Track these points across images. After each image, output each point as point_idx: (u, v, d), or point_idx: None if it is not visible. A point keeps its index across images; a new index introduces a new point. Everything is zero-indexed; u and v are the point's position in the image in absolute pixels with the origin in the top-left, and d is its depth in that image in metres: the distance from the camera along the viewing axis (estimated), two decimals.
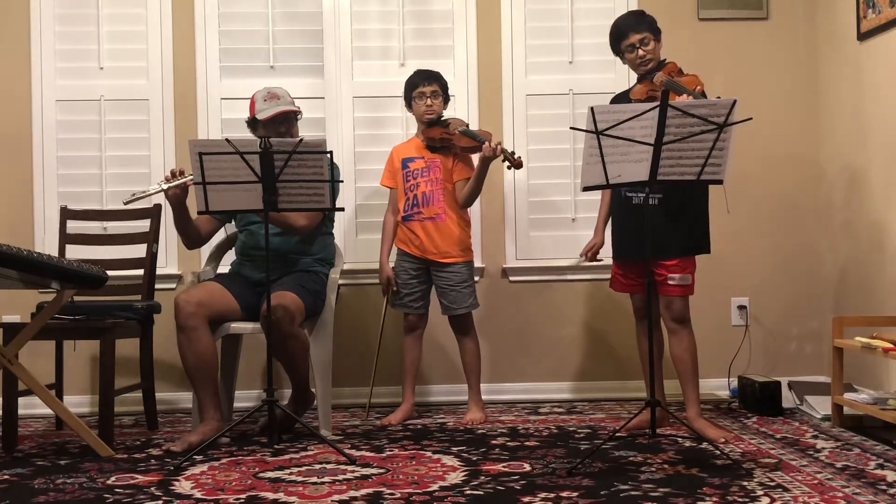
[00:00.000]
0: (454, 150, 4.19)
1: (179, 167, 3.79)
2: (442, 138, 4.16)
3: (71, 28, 4.68)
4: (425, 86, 4.19)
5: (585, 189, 3.29)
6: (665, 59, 3.77)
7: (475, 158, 4.24)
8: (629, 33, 3.77)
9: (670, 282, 3.70)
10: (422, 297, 4.25)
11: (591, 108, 3.16)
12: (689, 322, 3.77)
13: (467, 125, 4.23)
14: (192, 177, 3.55)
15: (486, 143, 4.01)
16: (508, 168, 4.07)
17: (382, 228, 4.33)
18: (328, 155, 3.48)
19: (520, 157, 4.04)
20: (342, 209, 3.83)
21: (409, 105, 4.26)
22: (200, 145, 3.55)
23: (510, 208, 4.72)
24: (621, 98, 3.89)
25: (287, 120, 4.01)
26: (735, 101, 3.15)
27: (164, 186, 3.69)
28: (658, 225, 3.63)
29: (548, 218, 4.74)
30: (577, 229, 4.72)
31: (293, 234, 3.94)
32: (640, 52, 3.75)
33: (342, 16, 4.72)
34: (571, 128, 3.59)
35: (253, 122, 4.04)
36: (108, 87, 4.67)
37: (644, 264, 3.68)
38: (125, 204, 3.77)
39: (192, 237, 3.97)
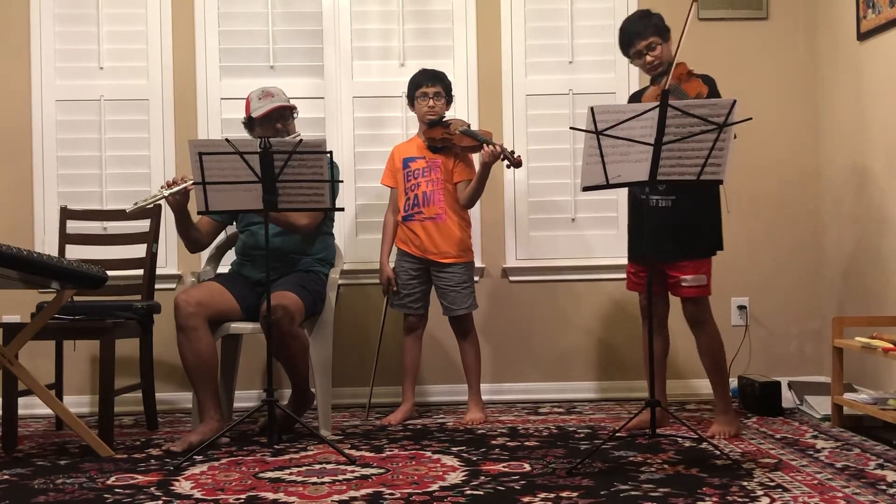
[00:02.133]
0: (455, 151, 4.19)
1: (180, 175, 3.80)
2: (443, 138, 4.16)
3: (71, 28, 4.68)
4: (428, 86, 4.19)
5: (585, 189, 3.29)
6: (675, 61, 3.69)
7: (474, 158, 4.25)
8: (635, 41, 3.74)
9: (683, 283, 3.70)
10: (422, 298, 4.24)
11: (591, 108, 3.16)
12: (707, 322, 3.76)
13: (468, 125, 4.23)
14: (192, 181, 3.55)
15: (487, 146, 4.01)
16: (508, 167, 4.06)
17: (383, 228, 4.33)
18: (328, 155, 3.48)
19: (519, 156, 4.03)
20: (342, 209, 3.83)
21: (411, 104, 4.26)
22: (200, 145, 3.55)
23: (510, 208, 4.72)
24: (636, 98, 3.88)
25: (282, 116, 4.00)
26: (735, 101, 3.16)
27: (166, 193, 3.69)
28: (670, 227, 3.64)
29: (548, 218, 4.74)
30: (577, 229, 4.72)
31: (295, 234, 3.95)
32: (648, 58, 3.73)
33: (342, 16, 4.72)
34: (571, 128, 3.58)
35: (249, 123, 4.04)
36: (108, 87, 4.67)
37: (656, 265, 3.70)
38: (129, 212, 3.76)
39: (194, 241, 3.98)
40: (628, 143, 3.17)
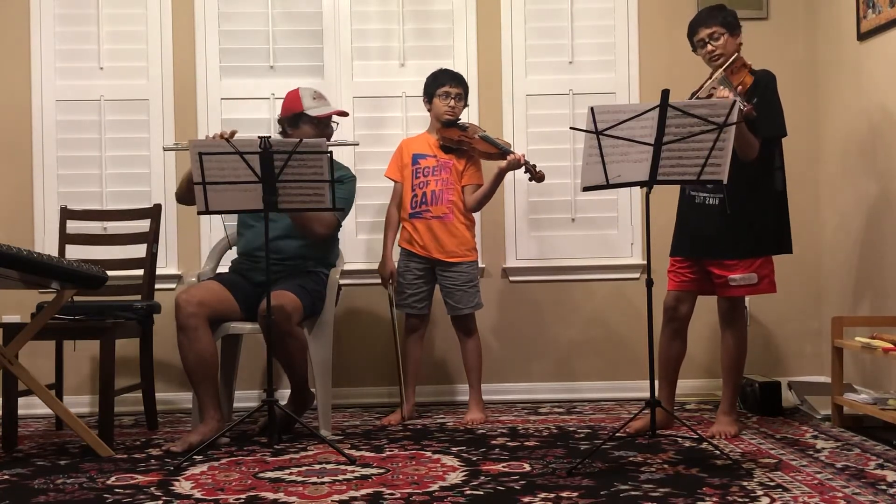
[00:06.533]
0: (469, 154, 4.19)
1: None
2: (460, 140, 4.15)
3: (71, 28, 4.68)
4: (452, 86, 4.19)
5: (585, 189, 3.29)
6: (737, 54, 3.67)
7: (484, 164, 4.24)
8: (698, 29, 3.72)
9: (732, 283, 3.68)
10: (426, 298, 4.24)
11: (591, 108, 3.16)
12: (739, 323, 3.76)
13: (485, 131, 4.22)
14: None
15: (513, 154, 4.02)
16: (530, 180, 4.08)
17: (386, 221, 4.31)
18: (328, 155, 3.48)
19: (542, 171, 4.04)
20: (342, 209, 3.83)
21: (428, 100, 4.25)
22: (200, 145, 3.55)
23: (510, 208, 4.72)
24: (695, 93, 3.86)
25: (331, 121, 4.05)
26: (735, 101, 3.16)
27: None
28: (718, 225, 3.65)
29: (548, 218, 4.73)
30: (577, 229, 4.72)
31: (307, 238, 3.94)
32: (709, 47, 3.68)
33: (342, 16, 4.72)
34: (571, 128, 3.59)
35: (294, 119, 4.01)
36: (108, 87, 4.67)
37: (695, 263, 3.74)
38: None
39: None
40: (628, 143, 3.17)
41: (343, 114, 4.12)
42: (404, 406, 4.21)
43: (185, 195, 3.80)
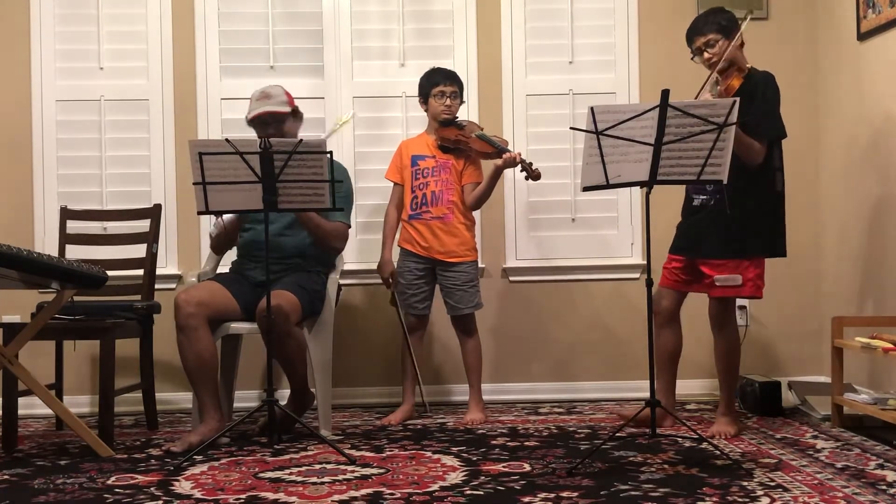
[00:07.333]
0: (467, 153, 4.19)
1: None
2: (457, 140, 4.15)
3: (71, 28, 4.68)
4: (447, 85, 4.18)
5: (585, 189, 3.29)
6: (732, 48, 3.66)
7: (483, 163, 4.24)
8: (694, 37, 3.73)
9: (716, 282, 3.68)
10: (427, 298, 4.24)
11: (591, 108, 3.16)
12: (729, 325, 3.75)
13: (482, 129, 4.22)
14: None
15: (509, 153, 4.02)
16: (526, 179, 4.08)
17: (385, 223, 4.30)
18: (328, 155, 3.48)
19: (538, 169, 4.04)
20: (341, 209, 3.83)
21: (424, 101, 4.24)
22: (200, 145, 3.55)
23: (510, 208, 4.72)
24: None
25: (275, 120, 3.93)
26: (735, 101, 3.16)
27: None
28: (711, 225, 3.65)
29: (548, 218, 4.74)
30: (577, 229, 4.72)
31: (321, 248, 3.96)
32: (706, 54, 3.70)
33: (342, 16, 4.72)
34: (571, 128, 3.59)
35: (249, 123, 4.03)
36: (108, 87, 4.67)
37: (689, 263, 3.75)
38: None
39: (231, 242, 4.07)
40: (628, 143, 3.17)
41: (279, 113, 3.93)
42: (420, 398, 4.30)
43: (220, 246, 4.05)
